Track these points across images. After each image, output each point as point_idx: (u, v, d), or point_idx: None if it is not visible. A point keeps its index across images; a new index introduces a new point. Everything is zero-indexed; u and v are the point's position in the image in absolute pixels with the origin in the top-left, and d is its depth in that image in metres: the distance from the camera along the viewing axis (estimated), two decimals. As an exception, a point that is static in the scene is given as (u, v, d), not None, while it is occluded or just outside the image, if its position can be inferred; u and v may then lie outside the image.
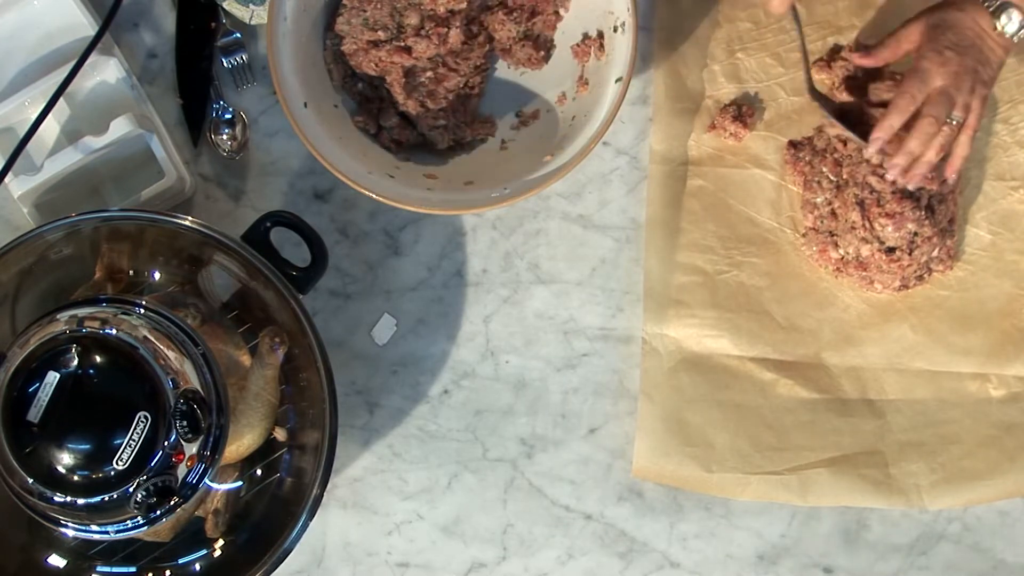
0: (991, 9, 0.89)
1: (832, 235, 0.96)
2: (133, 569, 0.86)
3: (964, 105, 0.90)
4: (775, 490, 0.97)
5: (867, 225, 0.93)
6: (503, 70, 1.00)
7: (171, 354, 0.77)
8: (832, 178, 0.95)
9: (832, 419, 0.98)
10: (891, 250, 0.94)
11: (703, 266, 0.98)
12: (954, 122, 0.90)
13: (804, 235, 0.98)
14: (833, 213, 0.96)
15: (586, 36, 0.97)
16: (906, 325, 0.98)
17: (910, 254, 0.94)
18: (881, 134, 0.90)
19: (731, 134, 0.98)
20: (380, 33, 0.96)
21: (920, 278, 0.96)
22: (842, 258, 0.96)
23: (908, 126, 0.90)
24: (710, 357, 0.98)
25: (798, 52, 0.99)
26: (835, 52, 0.98)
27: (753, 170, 0.99)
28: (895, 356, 0.98)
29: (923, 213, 0.93)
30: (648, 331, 0.98)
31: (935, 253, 0.95)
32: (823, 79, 0.98)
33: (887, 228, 0.93)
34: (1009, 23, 0.89)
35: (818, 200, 0.96)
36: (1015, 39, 0.90)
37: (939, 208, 0.94)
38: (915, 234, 0.93)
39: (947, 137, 0.90)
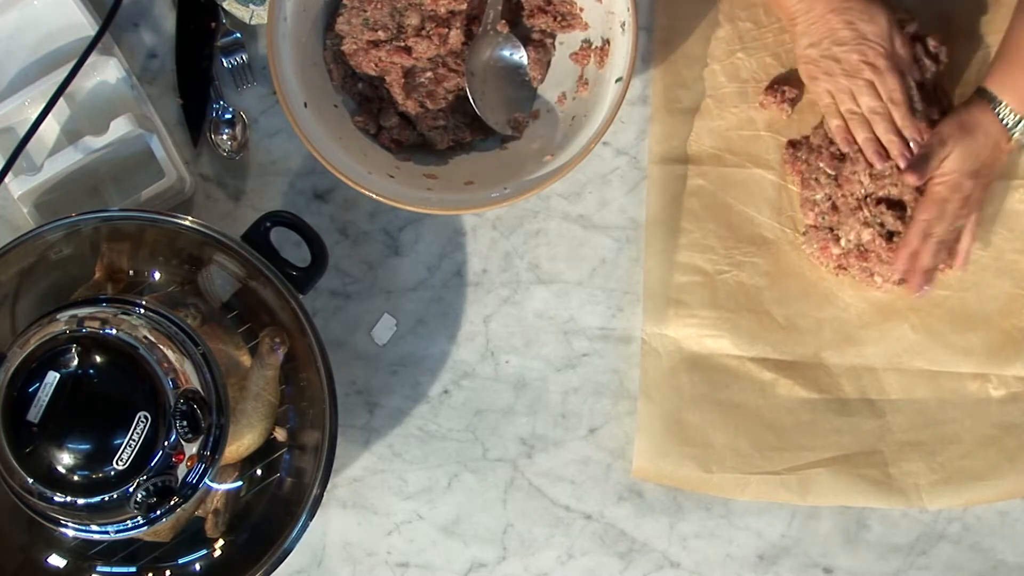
0: (1009, 128, 0.92)
1: (832, 231, 0.96)
2: (133, 569, 0.86)
3: (970, 209, 0.94)
4: (775, 490, 0.97)
5: (869, 204, 0.94)
6: (503, 70, 1.00)
7: (171, 354, 0.77)
8: (830, 172, 0.95)
9: (832, 419, 0.98)
10: (891, 235, 0.94)
11: (703, 266, 0.98)
12: (959, 226, 0.94)
13: (804, 233, 0.98)
14: (834, 207, 0.96)
15: (585, 43, 0.97)
16: (906, 324, 0.98)
17: None
18: (901, 265, 0.93)
19: (780, 109, 0.98)
20: (380, 33, 0.96)
21: None
22: (843, 251, 0.96)
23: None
24: (710, 357, 0.98)
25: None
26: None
27: (753, 170, 0.99)
28: (895, 356, 0.98)
29: (918, 192, 0.94)
30: (648, 331, 0.98)
31: None
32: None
33: (887, 216, 0.93)
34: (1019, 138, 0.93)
35: (817, 197, 0.96)
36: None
37: None
38: (911, 215, 0.94)
39: (952, 241, 0.94)
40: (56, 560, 0.85)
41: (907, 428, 0.97)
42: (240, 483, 0.86)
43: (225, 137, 0.98)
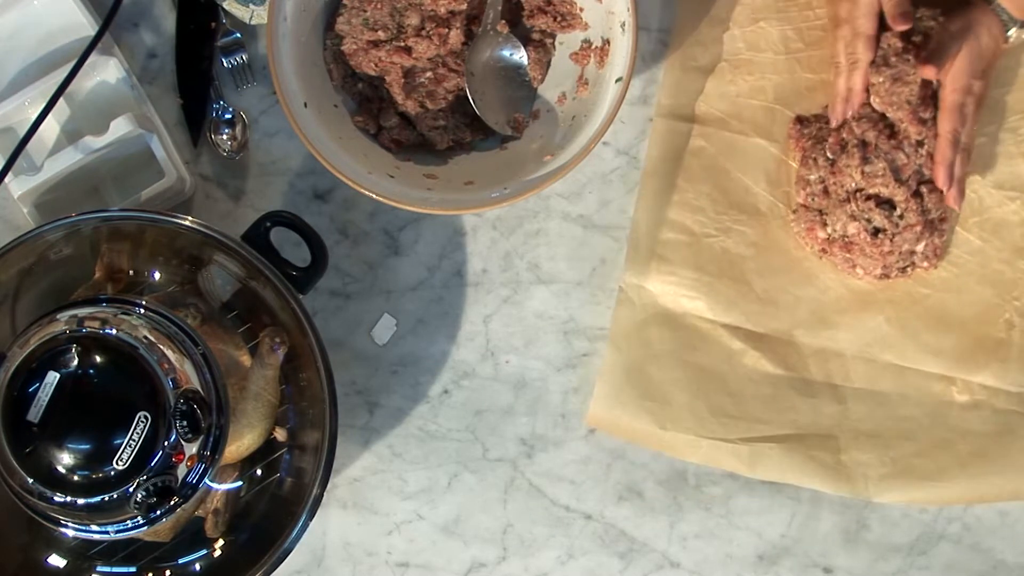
0: (1006, 28, 0.93)
1: (821, 214, 0.96)
2: (133, 569, 0.86)
3: (980, 110, 0.95)
4: (724, 457, 0.97)
5: (858, 199, 0.94)
6: (503, 70, 1.00)
7: (171, 354, 0.77)
8: (830, 156, 0.95)
9: (793, 397, 0.98)
10: (876, 232, 0.94)
11: (691, 226, 0.98)
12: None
13: (795, 211, 0.98)
14: (825, 191, 0.96)
15: (585, 43, 0.97)
16: (882, 316, 0.98)
17: (892, 240, 0.94)
18: (944, 180, 0.94)
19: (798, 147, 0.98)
20: (380, 33, 0.96)
21: (903, 271, 0.96)
22: (828, 238, 0.96)
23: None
24: (683, 316, 0.98)
25: (820, 31, 0.98)
26: None
27: (757, 140, 0.99)
28: (866, 345, 0.98)
29: (910, 195, 0.94)
30: (627, 281, 0.98)
31: (920, 248, 0.95)
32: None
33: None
34: (1015, 37, 0.94)
35: (812, 177, 0.96)
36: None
37: (928, 197, 0.94)
38: (900, 216, 0.94)
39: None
40: (56, 560, 0.85)
41: (865, 418, 0.98)
42: (240, 483, 0.86)
43: (225, 137, 0.98)
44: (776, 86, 0.99)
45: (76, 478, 0.74)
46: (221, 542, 0.86)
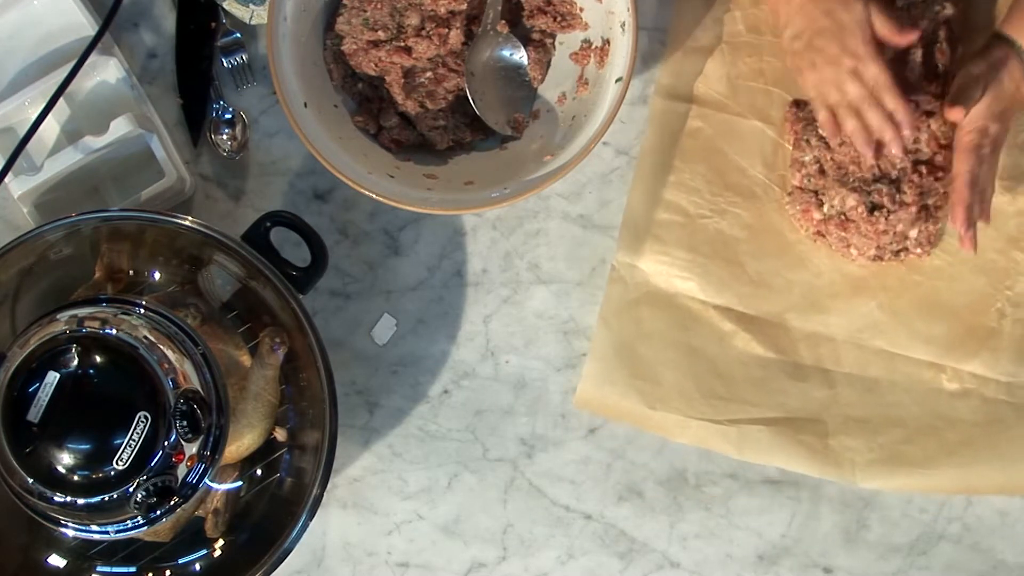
0: None
1: (817, 195, 0.96)
2: (133, 569, 0.86)
3: (999, 151, 0.93)
4: (713, 438, 0.97)
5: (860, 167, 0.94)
6: (503, 70, 1.00)
7: (171, 354, 0.77)
8: (822, 135, 0.95)
9: (783, 380, 0.98)
10: (873, 209, 0.94)
11: (686, 207, 0.98)
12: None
13: (790, 194, 0.98)
14: (821, 171, 0.96)
15: (585, 43, 0.97)
16: (874, 302, 0.98)
17: (887, 218, 0.94)
18: (962, 222, 0.91)
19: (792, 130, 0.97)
20: (380, 33, 0.96)
21: (897, 254, 0.96)
22: (824, 217, 0.96)
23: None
24: (675, 296, 0.98)
25: None
26: None
27: (754, 122, 0.99)
28: (857, 330, 0.98)
29: (909, 165, 0.94)
30: (619, 260, 0.98)
31: (914, 234, 0.95)
32: None
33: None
34: None
35: (806, 158, 0.96)
36: None
37: (926, 176, 0.94)
38: (899, 190, 0.93)
39: (990, 190, 0.94)
40: (56, 560, 0.85)
41: (854, 403, 0.98)
42: (240, 483, 0.86)
43: (225, 137, 0.98)
44: (775, 69, 0.99)
45: (76, 478, 0.74)
46: (221, 542, 0.86)
